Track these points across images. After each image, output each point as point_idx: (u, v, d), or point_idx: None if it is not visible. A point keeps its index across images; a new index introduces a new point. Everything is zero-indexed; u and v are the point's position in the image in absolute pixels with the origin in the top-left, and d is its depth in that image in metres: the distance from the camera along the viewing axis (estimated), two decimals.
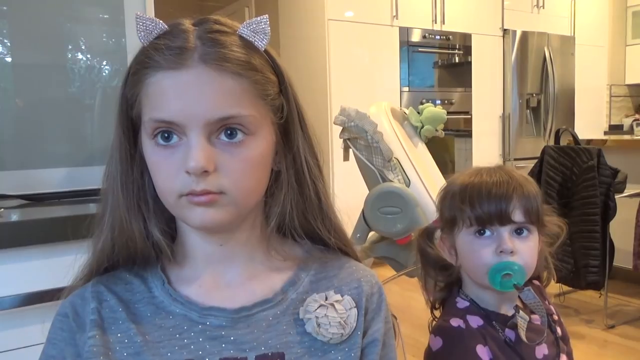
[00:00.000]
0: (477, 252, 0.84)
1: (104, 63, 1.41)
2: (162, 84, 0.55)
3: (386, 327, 0.65)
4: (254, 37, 0.58)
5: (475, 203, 0.84)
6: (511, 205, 0.83)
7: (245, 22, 0.58)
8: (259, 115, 0.58)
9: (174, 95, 0.54)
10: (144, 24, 0.57)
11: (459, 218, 0.86)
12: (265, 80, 0.58)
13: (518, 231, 0.84)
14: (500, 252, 0.82)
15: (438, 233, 0.94)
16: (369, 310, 0.64)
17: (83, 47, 1.38)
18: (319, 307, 0.61)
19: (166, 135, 0.56)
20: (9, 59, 1.30)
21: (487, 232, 0.84)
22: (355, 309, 0.63)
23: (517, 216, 0.83)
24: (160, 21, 0.57)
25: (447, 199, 0.89)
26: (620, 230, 2.60)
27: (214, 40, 0.56)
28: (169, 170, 0.56)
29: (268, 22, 0.59)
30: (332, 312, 0.61)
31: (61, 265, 0.65)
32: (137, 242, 0.62)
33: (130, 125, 0.61)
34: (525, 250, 0.84)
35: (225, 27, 0.58)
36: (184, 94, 0.54)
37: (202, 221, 0.57)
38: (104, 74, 1.41)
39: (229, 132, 0.56)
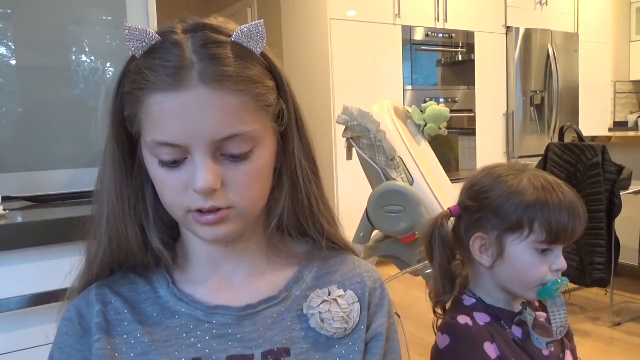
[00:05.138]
0: (536, 267, 0.83)
1: (108, 65, 1.41)
2: (162, 105, 0.54)
3: (389, 322, 0.66)
4: (250, 42, 0.57)
5: (559, 220, 0.82)
6: (580, 227, 0.84)
7: (239, 28, 0.56)
8: (261, 127, 0.57)
9: (175, 118, 0.53)
10: (134, 35, 0.55)
11: (527, 227, 0.83)
12: (265, 91, 0.57)
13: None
14: (557, 270, 0.84)
15: (451, 222, 0.92)
16: (371, 305, 0.65)
17: (87, 50, 1.39)
18: (322, 302, 0.62)
19: (171, 162, 0.55)
20: (13, 62, 1.30)
21: (554, 250, 0.84)
22: (358, 304, 0.63)
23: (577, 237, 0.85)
24: (151, 31, 0.56)
25: (513, 201, 0.83)
26: (625, 227, 2.59)
27: (210, 55, 0.54)
28: (176, 188, 0.56)
29: (264, 26, 0.57)
30: (335, 307, 0.61)
31: (66, 267, 0.65)
32: (136, 254, 0.62)
33: (126, 137, 0.60)
34: None
35: (220, 36, 0.56)
36: (185, 117, 0.53)
37: (214, 237, 0.58)
38: (107, 76, 1.41)
39: (233, 155, 0.56)
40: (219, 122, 0.54)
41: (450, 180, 2.00)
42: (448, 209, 0.92)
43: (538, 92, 4.55)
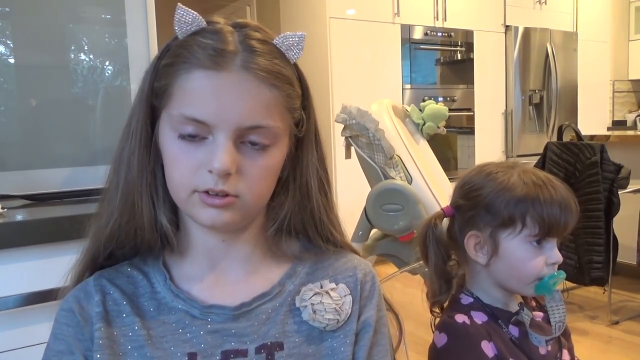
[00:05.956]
0: (531, 260, 0.84)
1: (107, 63, 1.41)
2: (200, 82, 0.55)
3: (378, 314, 0.66)
4: (288, 50, 0.60)
5: (551, 213, 0.82)
6: (572, 220, 0.84)
7: (282, 35, 0.60)
8: (283, 127, 0.60)
9: (211, 97, 0.55)
10: (183, 16, 0.58)
11: (520, 222, 0.83)
12: (294, 94, 0.61)
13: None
14: (552, 263, 0.84)
15: (445, 223, 0.92)
16: (361, 297, 0.66)
17: (85, 48, 1.38)
18: (314, 294, 0.63)
19: (193, 135, 0.57)
20: (11, 60, 1.30)
21: (548, 244, 0.84)
22: (350, 296, 0.64)
23: (570, 230, 0.85)
24: (200, 17, 0.58)
25: (504, 197, 0.84)
26: (624, 226, 2.60)
27: (255, 48, 0.57)
28: (189, 165, 0.57)
29: (304, 39, 0.61)
30: (327, 299, 0.62)
31: (64, 265, 0.66)
32: (145, 231, 0.62)
33: (150, 112, 0.61)
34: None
35: (263, 36, 0.60)
36: (221, 97, 0.55)
37: (213, 221, 0.59)
38: (106, 74, 1.41)
39: (254, 143, 0.58)
40: (251, 110, 0.56)
41: (449, 179, 2.00)
42: (441, 209, 0.92)
43: (537, 91, 4.55)
